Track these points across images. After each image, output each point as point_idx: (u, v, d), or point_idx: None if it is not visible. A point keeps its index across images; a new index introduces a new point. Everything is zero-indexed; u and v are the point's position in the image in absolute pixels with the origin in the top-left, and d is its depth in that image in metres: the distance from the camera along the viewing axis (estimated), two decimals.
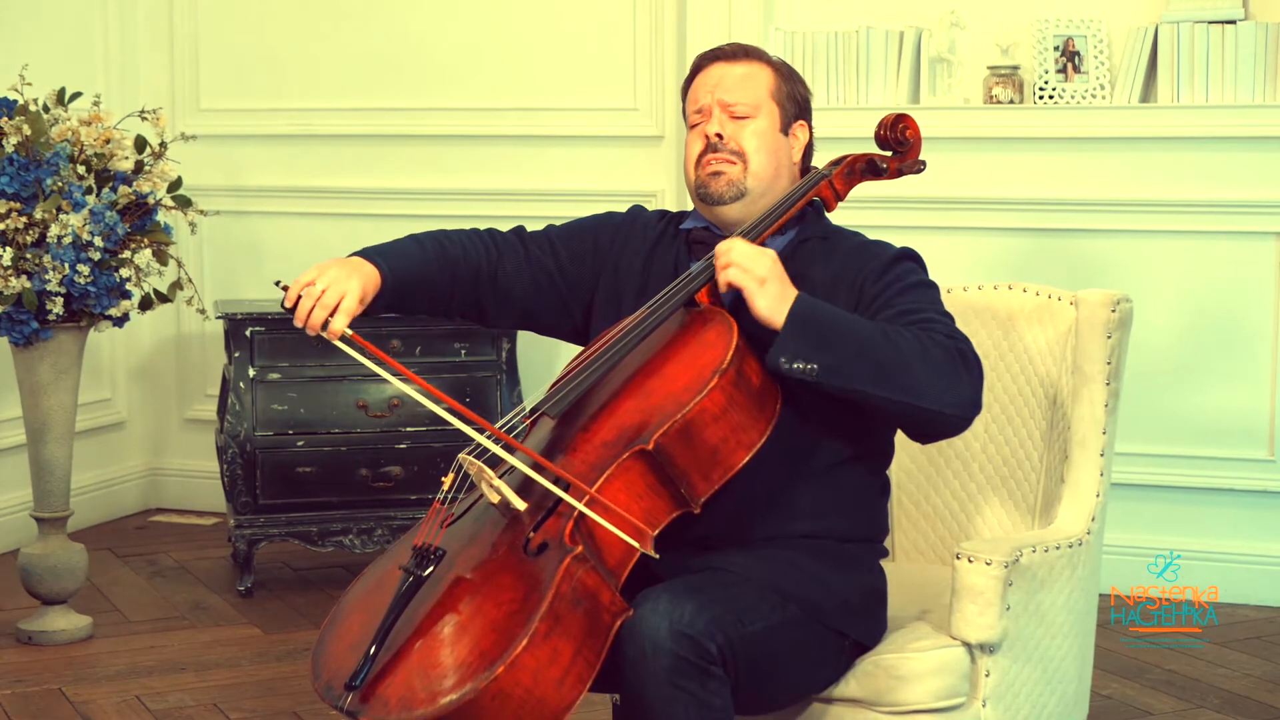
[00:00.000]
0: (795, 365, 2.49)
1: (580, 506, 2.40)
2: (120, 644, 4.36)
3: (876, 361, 2.50)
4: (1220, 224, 4.71)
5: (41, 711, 3.87)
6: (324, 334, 2.61)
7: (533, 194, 5.37)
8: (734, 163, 2.71)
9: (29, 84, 4.21)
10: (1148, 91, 4.77)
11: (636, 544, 2.43)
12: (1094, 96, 4.78)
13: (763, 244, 2.67)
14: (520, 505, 2.46)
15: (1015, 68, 4.87)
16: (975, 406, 2.56)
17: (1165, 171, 4.74)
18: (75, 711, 3.86)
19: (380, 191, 5.55)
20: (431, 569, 2.43)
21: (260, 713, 3.85)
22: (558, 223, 2.96)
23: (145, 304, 4.37)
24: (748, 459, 2.51)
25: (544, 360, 5.30)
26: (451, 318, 2.90)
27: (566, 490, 2.44)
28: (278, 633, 4.45)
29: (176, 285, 4.41)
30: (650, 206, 5.17)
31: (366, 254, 2.74)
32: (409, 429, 4.82)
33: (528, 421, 2.62)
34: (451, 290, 2.81)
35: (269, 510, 4.77)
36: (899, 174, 2.80)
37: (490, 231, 2.89)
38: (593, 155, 5.34)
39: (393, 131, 5.53)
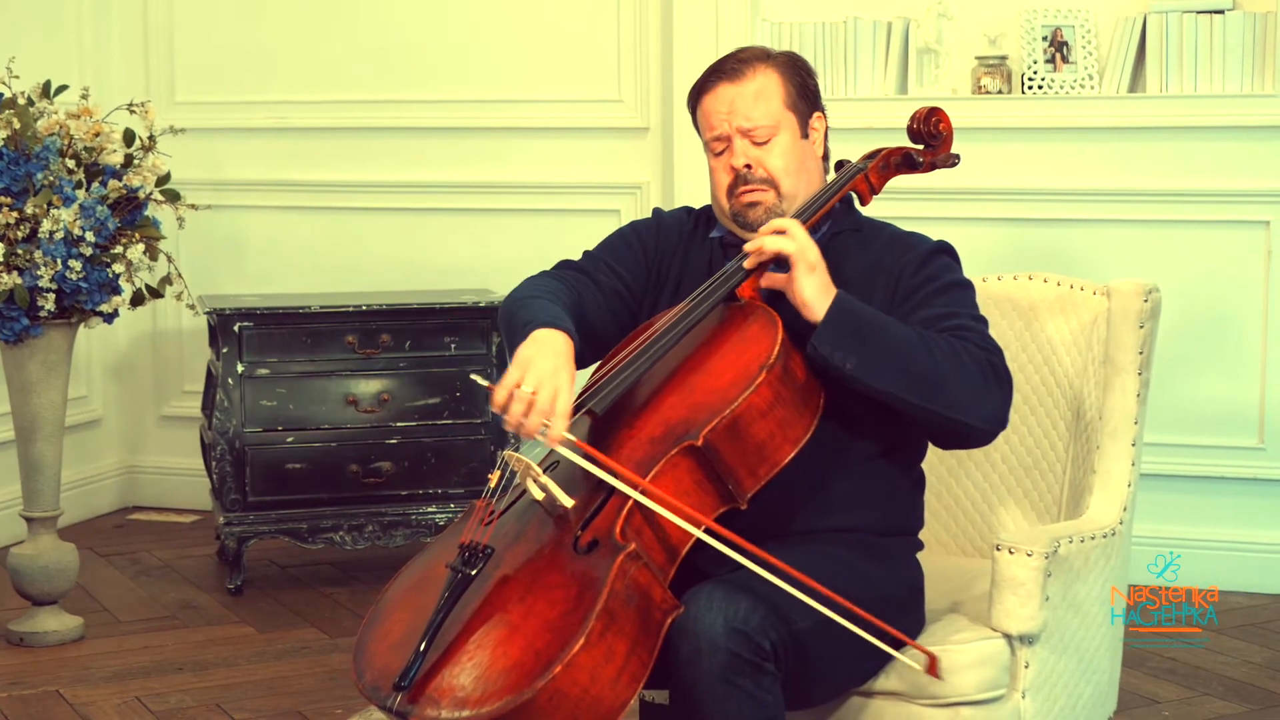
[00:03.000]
0: (835, 356, 2.49)
1: (637, 496, 2.38)
2: (113, 644, 4.30)
3: (910, 367, 2.52)
4: (1209, 213, 4.73)
5: (41, 714, 3.81)
6: (540, 439, 2.45)
7: (516, 187, 5.34)
8: (766, 190, 2.69)
9: (16, 76, 4.14)
10: (1136, 81, 4.79)
11: (694, 530, 2.41)
12: (1082, 86, 4.79)
13: None
14: (568, 503, 2.43)
15: (1003, 58, 4.88)
16: (1001, 423, 2.60)
17: (1153, 161, 4.76)
18: (76, 714, 3.81)
19: (361, 185, 5.50)
20: (480, 567, 2.40)
21: (265, 712, 3.81)
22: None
23: (137, 300, 4.31)
24: (793, 454, 2.50)
25: None
26: None
27: (619, 481, 2.41)
28: (272, 631, 4.40)
29: (166, 280, 4.36)
30: (636, 198, 5.20)
31: (548, 321, 2.55)
32: (399, 424, 4.78)
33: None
34: None
35: (258, 507, 4.71)
36: (933, 167, 2.80)
37: (559, 275, 2.78)
38: (577, 148, 5.31)
39: (374, 124, 5.48)
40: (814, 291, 2.53)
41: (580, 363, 2.65)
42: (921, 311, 2.63)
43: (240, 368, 4.71)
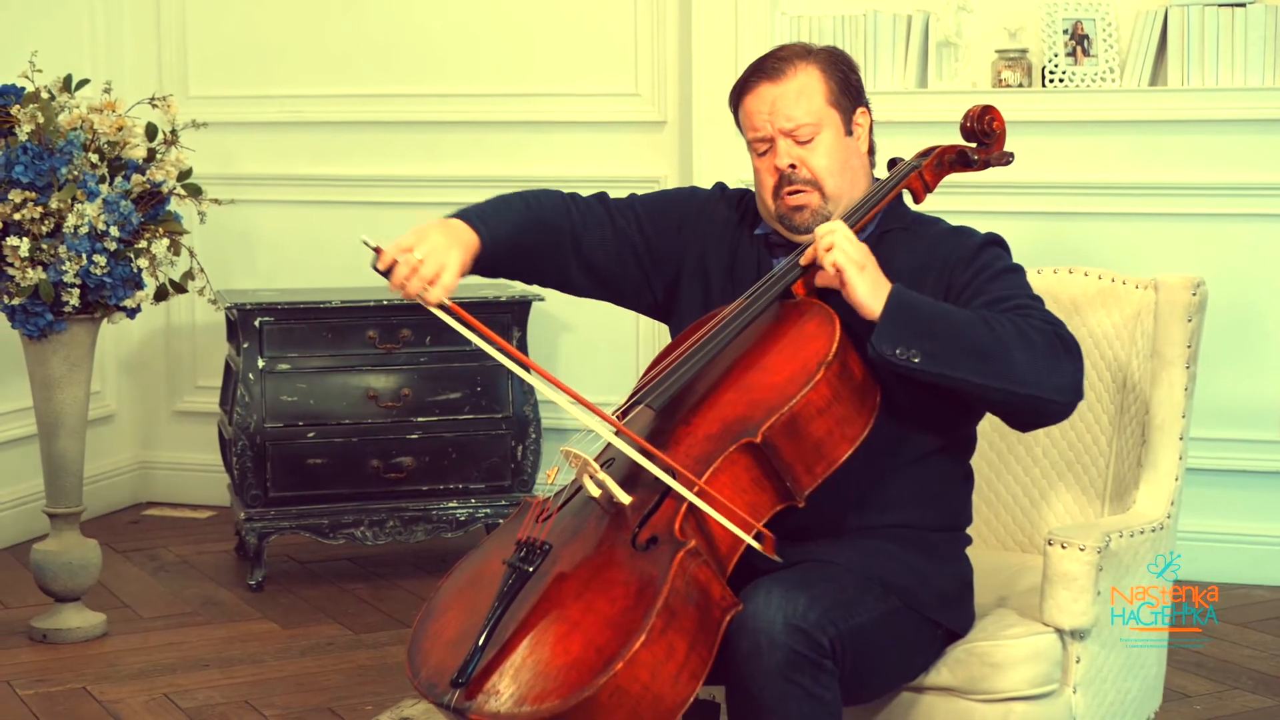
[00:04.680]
0: (897, 352, 2.47)
1: (691, 497, 2.37)
2: (137, 641, 4.28)
3: (977, 349, 2.49)
4: (1230, 206, 4.73)
5: (68, 712, 3.79)
6: (418, 300, 2.54)
7: (532, 181, 5.20)
8: (812, 191, 2.67)
9: (39, 70, 4.12)
10: (1157, 75, 4.78)
11: (747, 537, 2.40)
12: (1103, 80, 4.78)
13: None
14: (625, 499, 2.42)
15: (1023, 51, 4.87)
16: (1077, 393, 2.55)
17: (1174, 155, 4.76)
18: (105, 711, 3.79)
19: (374, 179, 5.48)
20: (538, 564, 2.39)
21: (294, 709, 3.79)
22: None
23: (160, 295, 4.30)
24: (850, 452, 2.49)
25: (549, 351, 5.26)
26: (531, 283, 2.85)
27: (674, 480, 2.40)
28: (296, 627, 4.38)
29: (188, 275, 4.34)
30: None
31: (466, 217, 2.66)
32: (420, 419, 4.76)
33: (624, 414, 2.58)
34: (537, 255, 2.76)
35: (279, 503, 4.69)
36: (987, 165, 2.78)
37: (574, 196, 2.83)
38: (593, 142, 5.28)
39: (387, 118, 5.46)
40: (868, 291, 2.50)
41: (522, 274, 2.78)
42: (978, 299, 2.61)
43: (261, 363, 4.69)
